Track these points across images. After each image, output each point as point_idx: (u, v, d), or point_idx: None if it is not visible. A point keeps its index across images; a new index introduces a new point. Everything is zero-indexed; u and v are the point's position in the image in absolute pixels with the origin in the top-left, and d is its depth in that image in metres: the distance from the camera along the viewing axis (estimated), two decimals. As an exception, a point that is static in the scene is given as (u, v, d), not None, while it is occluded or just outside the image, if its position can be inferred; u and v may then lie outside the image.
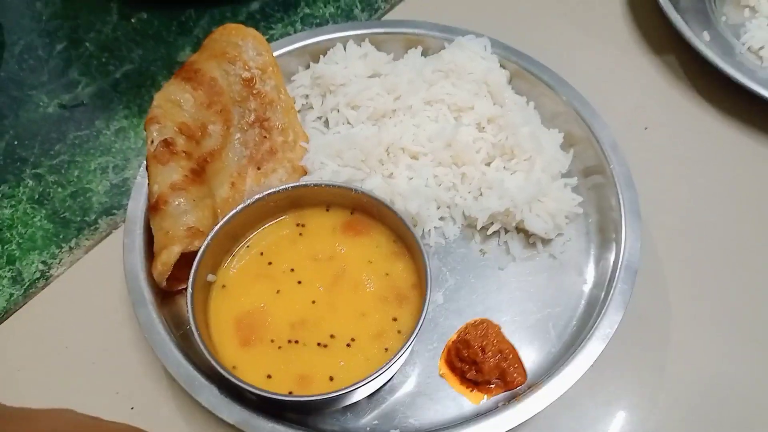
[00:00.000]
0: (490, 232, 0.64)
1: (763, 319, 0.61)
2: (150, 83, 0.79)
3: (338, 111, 0.69)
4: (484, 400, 0.56)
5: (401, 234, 0.57)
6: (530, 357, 0.58)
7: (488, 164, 0.66)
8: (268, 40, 0.80)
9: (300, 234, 0.59)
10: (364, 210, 0.59)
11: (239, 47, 0.67)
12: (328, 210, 0.60)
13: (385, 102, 0.68)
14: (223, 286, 0.56)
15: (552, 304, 0.61)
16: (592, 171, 0.66)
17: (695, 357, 0.59)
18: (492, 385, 0.56)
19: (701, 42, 0.74)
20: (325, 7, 0.85)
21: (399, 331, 0.53)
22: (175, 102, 0.63)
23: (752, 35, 0.79)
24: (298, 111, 0.70)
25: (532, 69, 0.71)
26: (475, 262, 0.64)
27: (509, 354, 0.57)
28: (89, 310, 0.62)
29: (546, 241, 0.64)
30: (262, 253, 0.58)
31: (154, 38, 0.83)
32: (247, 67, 0.66)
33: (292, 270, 0.57)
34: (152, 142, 0.60)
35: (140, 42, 0.83)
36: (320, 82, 0.70)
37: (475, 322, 0.59)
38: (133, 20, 0.86)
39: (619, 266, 0.59)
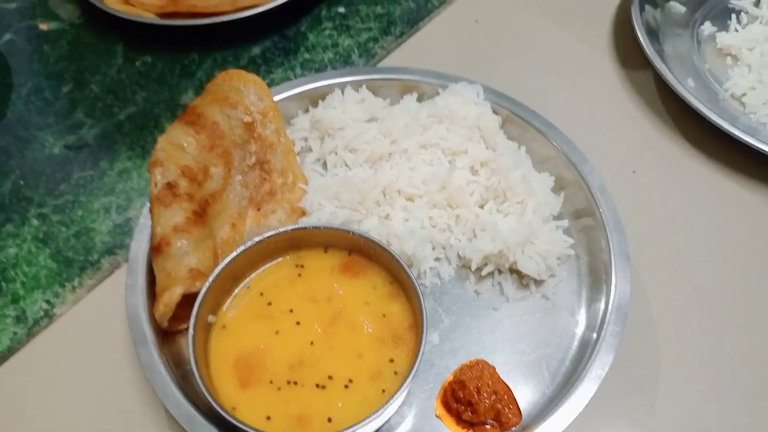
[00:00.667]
0: (484, 273, 0.66)
1: (750, 361, 0.62)
2: (153, 125, 0.81)
3: (336, 154, 0.71)
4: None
5: (397, 275, 0.59)
6: (524, 397, 0.59)
7: (481, 206, 0.68)
8: (269, 84, 0.83)
9: (299, 275, 0.61)
10: (362, 251, 0.60)
11: (241, 92, 0.70)
12: (326, 251, 0.62)
13: (382, 145, 0.70)
14: (224, 326, 0.57)
15: (545, 344, 0.62)
16: (582, 213, 0.69)
17: (684, 398, 0.60)
18: (487, 426, 0.57)
19: (686, 89, 0.77)
20: (324, 52, 0.89)
21: (396, 372, 0.54)
22: (178, 145, 0.65)
23: (734, 82, 0.83)
24: (297, 153, 0.73)
25: (523, 114, 0.74)
26: (470, 302, 0.65)
27: (504, 395, 0.58)
28: (91, 348, 0.63)
29: (539, 282, 0.66)
30: (261, 294, 0.59)
31: (158, 81, 0.86)
32: (248, 112, 0.69)
33: (291, 311, 0.58)
34: (156, 184, 0.62)
35: (144, 85, 0.86)
36: (319, 125, 0.73)
37: (471, 362, 0.60)
38: (137, 63, 0.88)
39: (609, 308, 0.61)
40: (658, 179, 0.75)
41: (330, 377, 0.54)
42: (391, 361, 0.55)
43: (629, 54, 0.87)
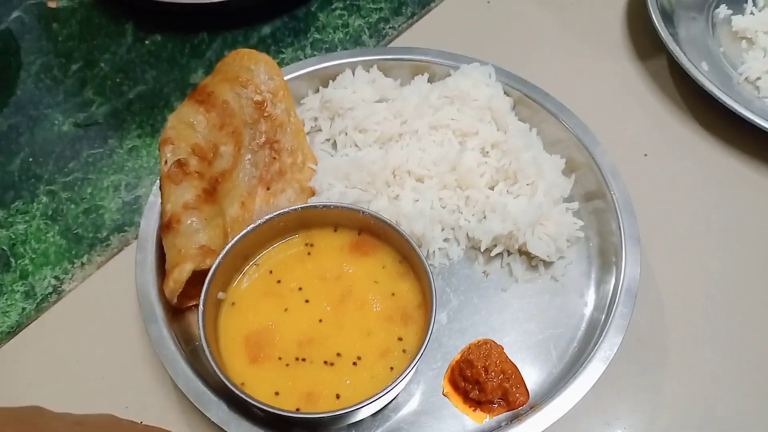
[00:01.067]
0: (493, 254, 0.66)
1: (757, 343, 0.62)
2: (163, 104, 0.81)
3: (346, 134, 0.71)
4: (487, 420, 0.57)
5: (407, 254, 0.59)
6: (532, 377, 0.59)
7: (491, 188, 0.68)
8: (279, 64, 0.82)
9: (308, 253, 0.60)
10: (371, 231, 0.60)
11: (251, 71, 0.69)
12: (335, 230, 0.61)
13: (392, 126, 0.70)
14: (233, 303, 0.58)
15: (554, 325, 0.62)
16: (593, 196, 0.68)
17: (692, 379, 0.60)
18: (495, 405, 0.57)
19: (700, 72, 0.76)
20: (335, 33, 0.88)
21: (404, 351, 0.54)
22: (188, 123, 0.65)
23: (749, 66, 0.82)
24: (307, 133, 0.72)
25: (535, 96, 0.73)
26: (479, 283, 0.65)
27: (512, 374, 0.58)
28: (100, 325, 0.63)
29: (548, 264, 0.66)
30: (271, 272, 0.59)
31: (168, 60, 0.86)
32: (258, 91, 0.69)
33: (300, 289, 0.58)
34: (166, 162, 0.62)
35: (154, 64, 0.86)
36: (329, 105, 0.72)
37: (479, 342, 0.60)
38: (147, 42, 0.88)
39: (619, 290, 0.60)
40: (669, 162, 0.74)
41: (338, 354, 0.54)
42: (400, 339, 0.55)
43: (642, 37, 0.86)
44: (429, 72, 0.76)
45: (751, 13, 0.88)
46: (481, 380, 0.57)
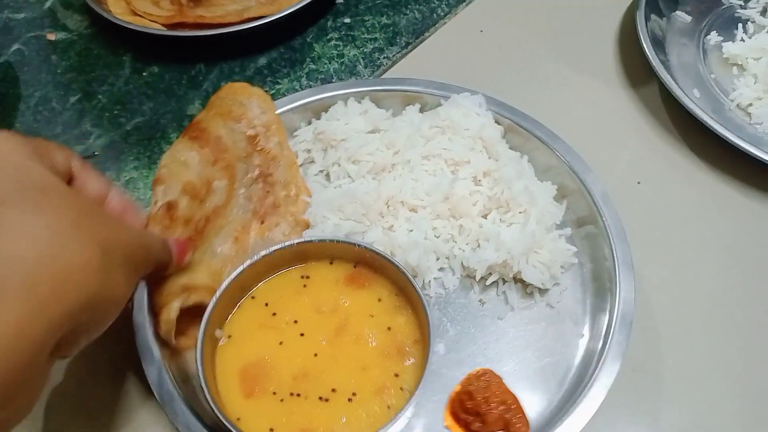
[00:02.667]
0: (488, 282, 0.66)
1: (755, 369, 0.62)
2: (160, 135, 0.82)
3: (339, 165, 0.71)
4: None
5: (403, 287, 0.59)
6: (532, 406, 0.59)
7: (484, 216, 0.68)
8: (274, 95, 0.83)
9: (304, 286, 0.61)
10: (367, 263, 0.61)
11: (244, 105, 0.70)
12: (331, 263, 0.62)
13: (385, 157, 0.70)
14: (229, 336, 0.58)
15: (551, 353, 0.62)
16: (585, 221, 0.68)
17: (688, 406, 0.60)
18: None
19: (691, 100, 0.77)
20: (330, 63, 0.89)
21: (402, 388, 0.54)
22: (181, 162, 0.65)
23: (740, 93, 0.82)
24: (300, 165, 0.73)
25: (526, 124, 0.73)
26: (475, 312, 0.65)
27: (512, 405, 0.58)
28: (96, 362, 0.63)
29: (543, 291, 0.66)
30: (266, 304, 0.59)
31: (165, 91, 0.87)
32: (251, 125, 0.69)
33: (296, 322, 0.58)
34: (156, 203, 0.62)
35: (151, 95, 0.87)
36: (322, 137, 0.73)
37: (478, 372, 0.60)
38: (144, 74, 0.89)
39: (614, 317, 0.60)
40: (663, 189, 0.75)
41: (333, 390, 0.54)
42: (396, 375, 0.55)
43: (634, 64, 0.87)
44: (420, 102, 0.77)
45: (742, 39, 0.89)
46: (482, 412, 0.56)
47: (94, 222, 0.42)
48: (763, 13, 0.92)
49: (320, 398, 0.54)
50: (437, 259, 0.66)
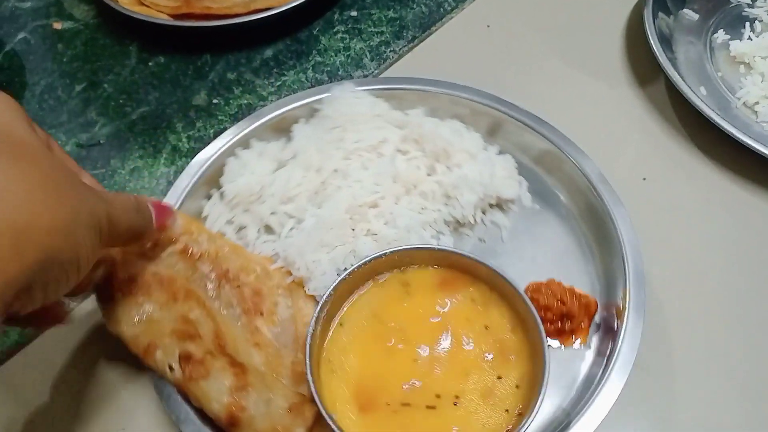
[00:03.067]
0: (477, 220, 0.68)
1: (762, 368, 0.62)
2: (165, 125, 0.82)
3: (275, 213, 0.66)
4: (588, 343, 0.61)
5: (490, 281, 0.58)
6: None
7: (429, 174, 0.68)
8: (280, 86, 0.83)
9: (407, 293, 0.59)
10: (455, 266, 0.60)
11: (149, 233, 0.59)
12: (425, 268, 0.60)
13: (312, 179, 0.67)
14: (330, 360, 0.55)
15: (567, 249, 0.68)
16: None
17: (699, 409, 0.60)
18: (582, 325, 0.61)
19: (698, 97, 0.77)
20: (336, 56, 0.89)
21: (517, 386, 0.53)
22: (146, 321, 0.57)
23: (747, 91, 0.82)
24: (240, 240, 0.66)
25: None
26: (482, 250, 0.67)
27: (577, 291, 0.62)
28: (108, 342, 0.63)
29: (515, 202, 0.70)
30: (372, 315, 0.57)
31: (171, 82, 0.87)
32: (172, 241, 0.60)
33: (400, 330, 0.57)
34: (171, 368, 0.55)
35: (157, 85, 0.87)
36: (238, 200, 0.67)
37: (534, 287, 0.62)
38: (150, 64, 0.89)
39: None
40: (668, 186, 0.75)
41: (438, 396, 0.53)
42: (500, 377, 0.54)
43: (640, 61, 0.87)
44: (303, 116, 0.74)
45: (749, 38, 0.89)
46: (565, 312, 0.60)
47: (66, 184, 0.42)
48: (770, 12, 0.92)
49: (428, 407, 0.52)
50: (427, 230, 0.66)
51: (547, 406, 0.59)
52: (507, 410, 0.52)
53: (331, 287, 0.56)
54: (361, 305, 0.58)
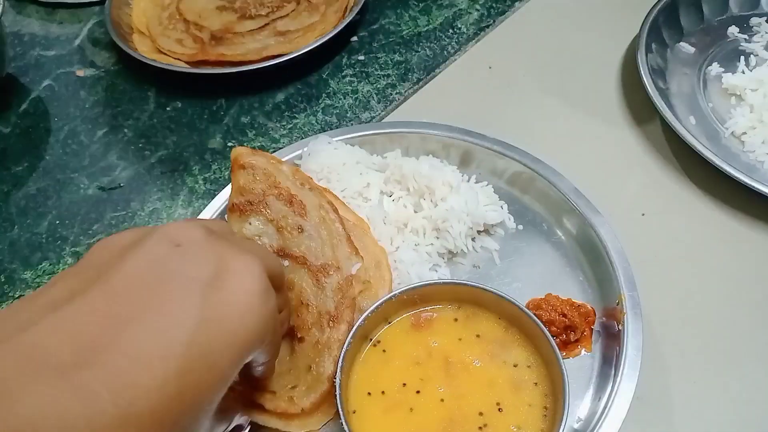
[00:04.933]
0: (469, 248, 0.71)
1: (759, 400, 0.63)
2: (182, 168, 0.86)
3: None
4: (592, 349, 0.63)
5: (508, 313, 0.60)
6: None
7: (416, 211, 0.72)
8: (291, 129, 0.87)
9: (383, 350, 0.59)
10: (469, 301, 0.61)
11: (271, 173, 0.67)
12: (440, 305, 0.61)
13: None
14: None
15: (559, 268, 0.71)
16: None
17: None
18: (585, 334, 0.63)
19: (684, 127, 0.80)
20: (345, 98, 0.93)
21: (536, 383, 0.56)
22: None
23: (736, 121, 0.85)
24: None
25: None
26: (479, 277, 0.70)
27: (576, 302, 0.65)
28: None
29: (502, 225, 0.73)
30: (369, 393, 0.56)
31: (188, 125, 0.91)
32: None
33: (404, 385, 0.56)
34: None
35: (174, 129, 0.91)
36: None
37: (533, 306, 0.65)
38: (168, 108, 0.94)
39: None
40: (666, 220, 0.77)
41: (481, 413, 0.55)
42: (515, 365, 0.57)
43: (636, 97, 0.91)
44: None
45: (743, 71, 0.92)
46: (567, 324, 0.62)
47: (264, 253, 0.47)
48: (767, 47, 0.95)
49: (479, 428, 0.54)
50: (428, 262, 0.69)
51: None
52: (545, 407, 0.55)
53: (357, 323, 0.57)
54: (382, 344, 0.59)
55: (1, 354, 0.30)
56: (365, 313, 0.57)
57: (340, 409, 0.52)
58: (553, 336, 0.61)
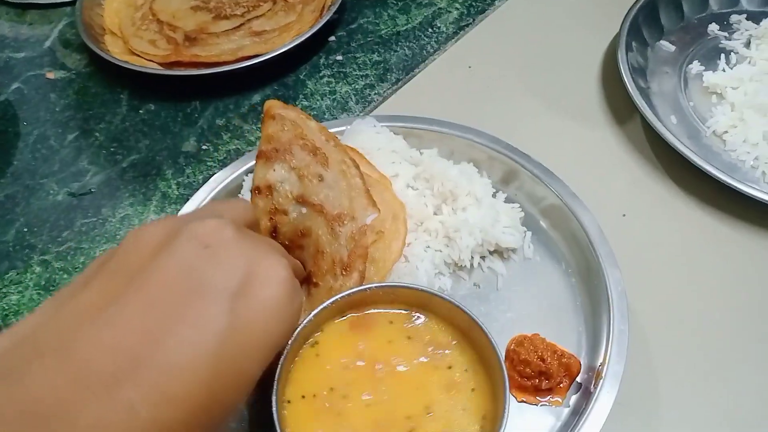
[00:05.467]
0: (475, 264, 0.70)
1: (744, 401, 0.63)
2: (155, 173, 0.83)
3: None
4: (567, 400, 0.61)
5: (458, 321, 0.57)
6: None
7: (435, 213, 0.70)
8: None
9: (317, 355, 0.57)
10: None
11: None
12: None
13: None
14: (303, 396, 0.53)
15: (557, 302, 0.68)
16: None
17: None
18: (561, 385, 0.61)
19: (665, 126, 0.79)
20: (322, 99, 0.91)
21: (466, 370, 0.54)
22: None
23: (716, 120, 0.85)
24: None
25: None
26: (477, 296, 0.68)
27: (559, 350, 0.62)
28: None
29: (515, 250, 0.71)
30: (303, 396, 0.54)
31: (161, 129, 0.89)
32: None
33: (332, 389, 0.54)
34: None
35: (147, 132, 0.89)
36: None
37: (516, 341, 0.62)
38: (141, 111, 0.91)
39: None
40: (647, 221, 0.76)
41: (410, 425, 0.52)
42: (450, 368, 0.55)
43: (617, 96, 0.90)
44: None
45: (723, 69, 0.91)
46: (544, 370, 0.59)
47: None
48: (747, 44, 0.94)
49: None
50: (435, 269, 0.68)
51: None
52: (484, 417, 0.52)
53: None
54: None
55: (53, 370, 0.33)
56: (309, 316, 0.55)
57: (274, 408, 0.51)
58: (525, 378, 0.60)
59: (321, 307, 0.56)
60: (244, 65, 0.89)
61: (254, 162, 0.74)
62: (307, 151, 0.66)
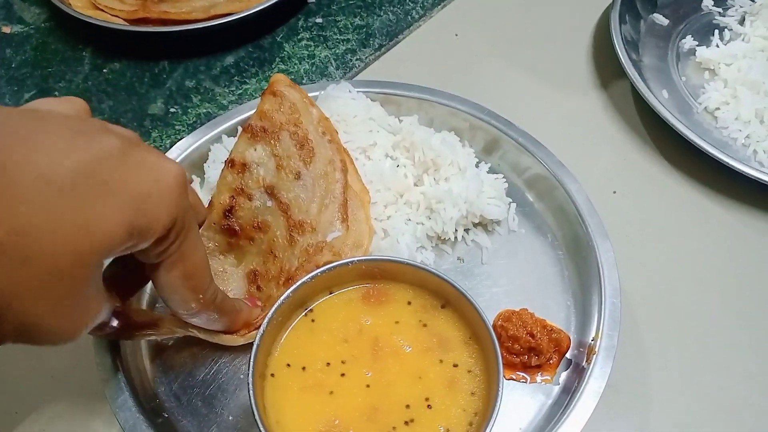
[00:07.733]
0: (459, 237, 0.67)
1: (731, 380, 0.61)
2: (119, 135, 0.78)
3: None
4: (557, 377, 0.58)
5: (468, 317, 0.53)
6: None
7: (416, 185, 0.67)
8: (241, 95, 0.81)
9: (312, 320, 0.54)
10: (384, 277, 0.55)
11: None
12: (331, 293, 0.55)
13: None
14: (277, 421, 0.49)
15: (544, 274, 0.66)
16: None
17: (675, 425, 0.59)
18: (551, 362, 0.58)
19: (658, 100, 0.76)
20: (300, 63, 0.87)
21: (469, 371, 0.51)
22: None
23: (709, 96, 0.82)
24: None
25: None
26: (462, 270, 0.66)
27: (550, 325, 0.59)
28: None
29: (500, 222, 0.68)
30: (288, 365, 0.51)
31: (126, 90, 0.83)
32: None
33: (328, 364, 0.51)
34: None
35: (111, 93, 0.83)
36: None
37: (503, 317, 0.60)
38: (105, 70, 0.86)
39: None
40: (637, 198, 0.74)
41: (408, 406, 0.50)
42: (456, 365, 0.51)
43: (608, 68, 0.87)
44: None
45: (717, 45, 0.89)
46: (533, 345, 0.57)
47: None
48: (741, 21, 0.92)
49: (405, 423, 0.49)
50: (417, 242, 0.65)
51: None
52: (473, 393, 0.50)
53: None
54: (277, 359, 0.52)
55: None
56: (303, 278, 0.51)
57: (249, 375, 0.47)
58: (514, 355, 0.58)
59: (325, 268, 0.52)
60: (216, 23, 0.83)
61: (224, 127, 0.71)
62: (296, 142, 0.62)
